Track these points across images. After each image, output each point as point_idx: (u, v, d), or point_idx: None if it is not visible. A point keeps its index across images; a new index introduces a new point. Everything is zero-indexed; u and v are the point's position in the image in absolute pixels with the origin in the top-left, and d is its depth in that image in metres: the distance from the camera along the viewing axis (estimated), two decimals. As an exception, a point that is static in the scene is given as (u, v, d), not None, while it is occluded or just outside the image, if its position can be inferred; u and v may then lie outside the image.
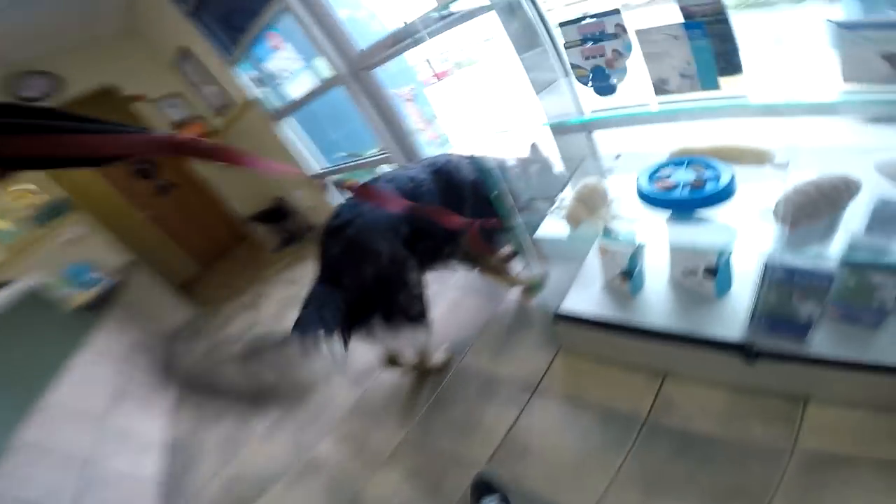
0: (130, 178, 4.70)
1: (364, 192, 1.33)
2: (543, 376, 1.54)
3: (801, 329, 1.08)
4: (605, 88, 1.16)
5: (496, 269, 1.90)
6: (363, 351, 1.77)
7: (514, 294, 1.99)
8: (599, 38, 1.07)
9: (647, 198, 1.25)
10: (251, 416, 1.99)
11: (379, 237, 1.40)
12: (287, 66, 2.90)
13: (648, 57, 1.02)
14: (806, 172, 1.01)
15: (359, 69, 2.38)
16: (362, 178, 3.56)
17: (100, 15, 3.42)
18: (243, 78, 3.17)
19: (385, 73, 2.43)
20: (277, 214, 4.42)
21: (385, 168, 3.52)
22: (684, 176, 1.22)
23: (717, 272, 1.25)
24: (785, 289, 1.04)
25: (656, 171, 1.28)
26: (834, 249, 0.96)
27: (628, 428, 1.24)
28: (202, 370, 1.15)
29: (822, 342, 1.06)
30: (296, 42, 2.68)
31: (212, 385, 1.12)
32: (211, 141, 0.95)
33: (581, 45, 1.11)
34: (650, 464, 1.15)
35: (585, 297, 1.50)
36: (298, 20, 2.27)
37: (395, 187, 1.52)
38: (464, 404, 1.61)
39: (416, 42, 1.98)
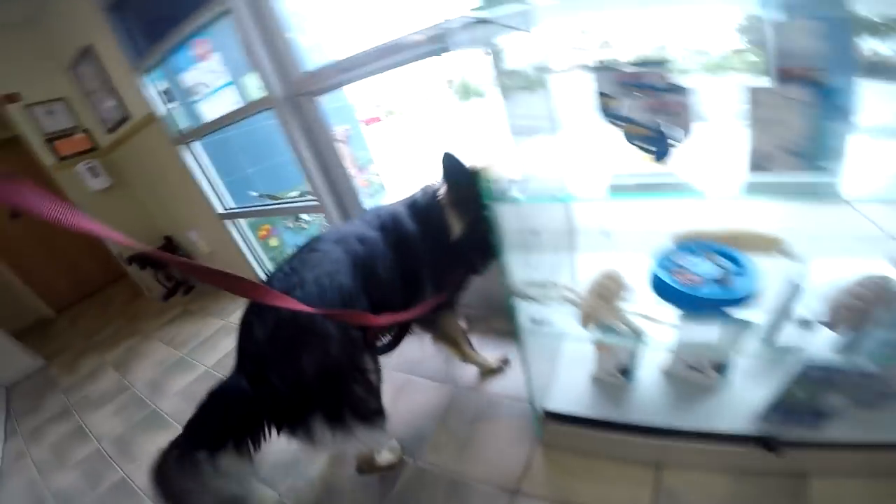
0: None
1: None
2: (523, 476, 1.32)
3: (820, 417, 1.06)
4: (663, 151, 0.95)
5: (455, 338, 1.64)
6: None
7: (468, 373, 1.73)
8: (664, 89, 0.90)
9: (667, 293, 1.13)
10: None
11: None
12: (208, 81, 2.45)
13: (757, 123, 0.82)
14: (825, 263, 1.05)
15: (298, 94, 2.03)
16: (279, 224, 3.15)
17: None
18: (150, 89, 2.64)
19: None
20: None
21: (306, 217, 3.19)
22: (706, 269, 1.14)
23: (726, 367, 1.20)
24: (819, 384, 1.01)
25: (667, 259, 1.19)
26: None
27: None
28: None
29: (835, 426, 1.05)
30: (227, 52, 2.26)
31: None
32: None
33: (640, 95, 0.92)
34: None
35: (572, 390, 1.36)
36: (239, 25, 1.89)
37: (344, 250, 1.22)
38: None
39: (377, 71, 1.79)
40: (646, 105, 0.94)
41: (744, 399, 1.16)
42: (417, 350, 1.88)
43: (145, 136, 3.01)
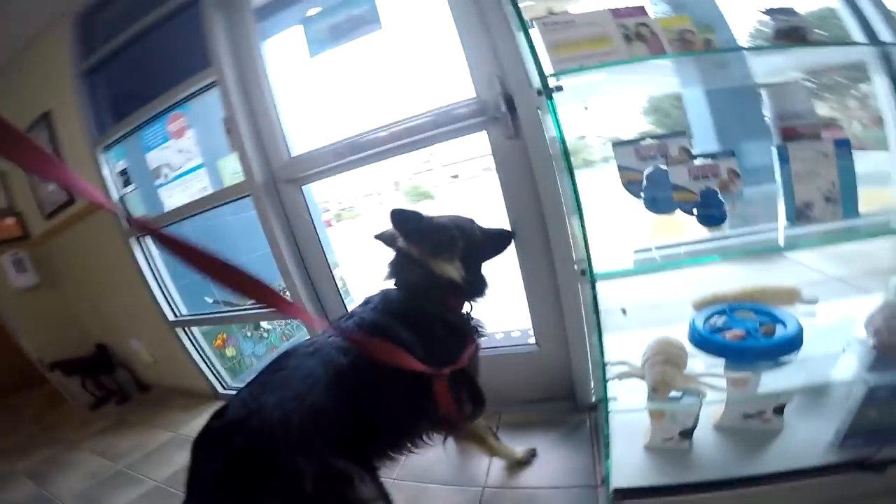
0: None
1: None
2: None
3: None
4: (714, 217, 0.96)
5: (480, 432, 1.46)
6: None
7: (493, 470, 1.55)
8: (712, 155, 0.97)
9: (717, 350, 1.14)
10: None
11: (296, 442, 0.86)
12: (174, 162, 2.30)
13: (798, 176, 0.89)
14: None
15: (282, 180, 1.93)
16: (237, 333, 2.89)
17: None
18: (105, 168, 2.44)
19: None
20: (95, 365, 3.24)
21: (265, 325, 2.94)
22: (746, 324, 1.15)
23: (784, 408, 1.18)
24: (888, 402, 1.02)
25: (703, 322, 1.21)
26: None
27: None
28: None
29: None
30: (202, 130, 2.16)
31: None
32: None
33: (688, 162, 0.97)
34: None
35: (629, 464, 1.24)
36: (225, 98, 1.83)
37: (321, 363, 1.03)
38: None
39: (375, 159, 1.75)
40: (683, 172, 0.97)
41: (810, 433, 1.14)
42: (422, 454, 1.68)
43: (90, 225, 2.73)
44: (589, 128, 1.42)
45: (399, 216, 1.22)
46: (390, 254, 1.34)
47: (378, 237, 1.36)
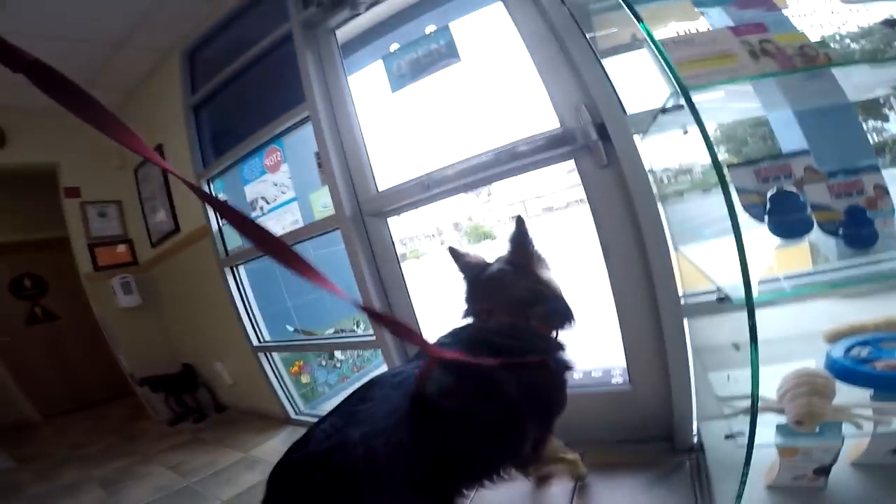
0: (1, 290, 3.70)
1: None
2: None
3: None
4: (865, 237, 0.87)
5: (559, 456, 1.42)
6: None
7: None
8: (853, 171, 0.89)
9: (865, 381, 0.99)
10: None
11: (382, 482, 0.82)
12: (269, 195, 2.49)
13: None
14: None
15: (369, 213, 2.00)
16: (312, 361, 2.98)
17: (103, 84, 2.92)
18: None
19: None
20: (181, 383, 3.46)
21: (339, 354, 3.03)
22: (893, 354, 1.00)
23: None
24: None
25: (843, 354, 1.06)
26: None
27: None
28: None
29: None
30: (296, 164, 2.33)
31: None
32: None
33: (827, 179, 0.90)
34: None
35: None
36: (317, 133, 1.97)
37: (406, 395, 0.98)
38: None
39: (459, 190, 1.78)
40: (823, 190, 0.90)
41: None
42: (495, 493, 1.57)
43: (190, 253, 3.00)
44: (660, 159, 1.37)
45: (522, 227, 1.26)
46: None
47: (452, 252, 1.36)
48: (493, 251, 1.37)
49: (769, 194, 0.94)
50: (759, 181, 0.96)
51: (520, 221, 1.27)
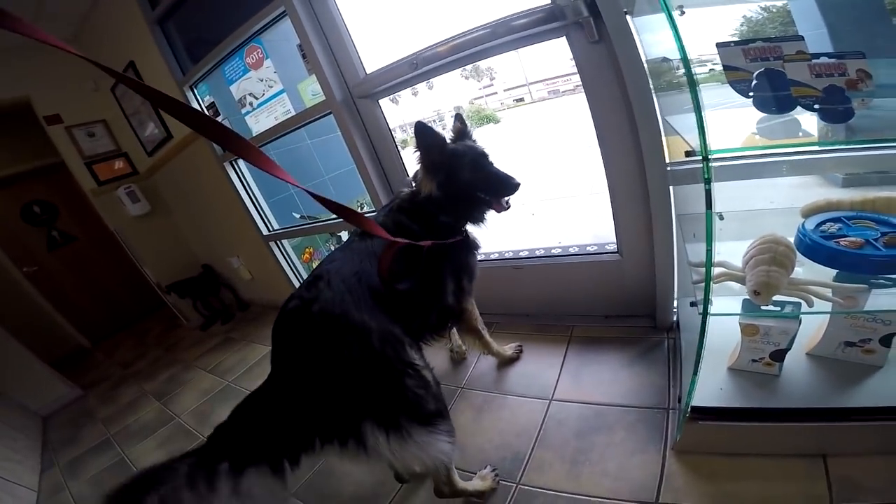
0: (15, 221, 3.90)
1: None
2: (660, 485, 1.17)
3: None
4: (838, 113, 0.90)
5: (478, 329, 1.71)
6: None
7: (563, 385, 1.62)
8: (838, 55, 0.89)
9: (829, 258, 1.03)
10: None
11: (362, 307, 1.07)
12: (257, 91, 2.47)
13: None
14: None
15: (358, 96, 2.02)
16: (322, 247, 3.16)
17: (50, 17, 2.90)
18: (194, 104, 2.68)
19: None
20: (203, 285, 3.74)
21: (345, 236, 3.18)
22: (864, 232, 1.03)
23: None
24: None
25: (814, 228, 1.10)
26: None
27: None
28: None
29: None
30: (279, 58, 2.29)
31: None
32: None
33: (809, 61, 0.90)
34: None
35: (710, 383, 1.23)
36: (297, 25, 1.91)
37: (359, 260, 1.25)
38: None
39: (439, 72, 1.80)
40: (804, 70, 0.90)
41: None
42: (491, 367, 1.85)
43: (188, 155, 3.07)
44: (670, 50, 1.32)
45: (420, 129, 1.36)
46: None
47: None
48: (496, 134, 1.43)
49: (756, 72, 0.94)
50: (748, 60, 0.95)
51: (459, 117, 1.46)
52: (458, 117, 1.47)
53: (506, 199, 1.48)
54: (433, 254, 1.36)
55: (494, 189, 1.45)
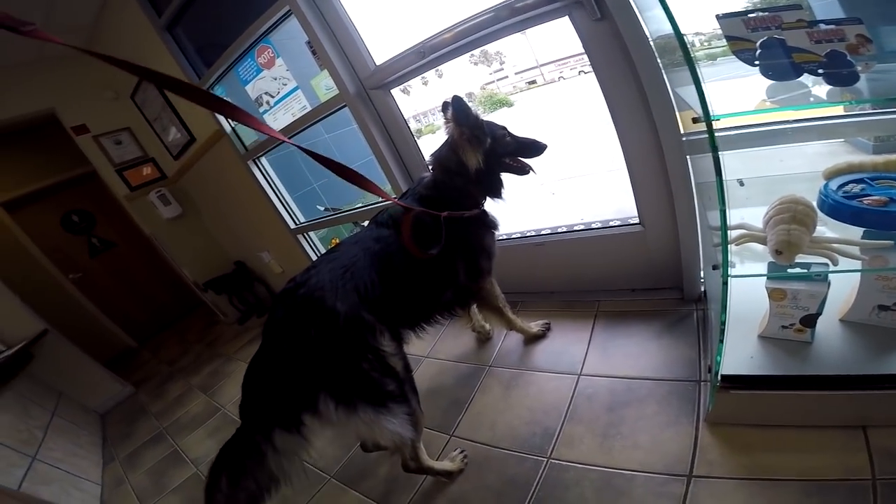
0: (56, 231, 4.15)
1: None
2: (694, 457, 1.18)
3: None
4: (845, 77, 0.92)
5: (498, 306, 1.79)
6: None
7: (591, 360, 1.65)
8: (836, 21, 0.92)
9: (853, 217, 1.04)
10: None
11: (338, 295, 1.22)
12: (272, 90, 2.54)
13: None
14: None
15: (371, 87, 2.07)
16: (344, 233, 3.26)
17: (60, 28, 3.02)
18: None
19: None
20: (237, 281, 3.92)
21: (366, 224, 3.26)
22: (886, 191, 1.04)
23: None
24: None
25: (837, 190, 1.10)
26: None
27: (857, 494, 0.97)
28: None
29: None
30: (290, 56, 2.35)
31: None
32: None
33: (807, 27, 0.93)
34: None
35: (741, 351, 1.22)
36: (304, 23, 1.97)
37: (361, 249, 1.40)
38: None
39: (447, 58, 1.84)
40: (803, 36, 0.93)
41: None
42: (518, 344, 1.90)
43: (212, 157, 3.20)
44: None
45: (459, 103, 1.47)
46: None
47: (444, 108, 1.57)
48: (511, 118, 1.48)
49: (759, 41, 0.96)
50: (749, 30, 0.97)
51: (457, 99, 1.50)
52: (457, 99, 1.50)
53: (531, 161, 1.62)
54: (451, 233, 1.47)
55: (527, 152, 1.60)
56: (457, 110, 1.48)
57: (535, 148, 1.59)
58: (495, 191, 1.63)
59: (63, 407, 2.72)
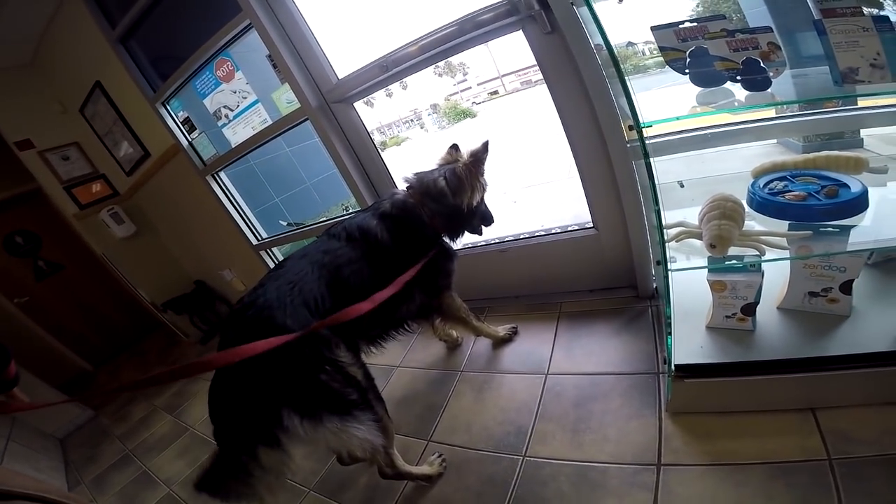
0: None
1: None
2: (660, 446, 1.26)
3: None
4: (759, 83, 1.03)
5: (461, 316, 1.85)
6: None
7: (557, 359, 1.74)
8: (750, 30, 1.03)
9: (777, 211, 1.17)
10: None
11: (287, 312, 1.24)
12: (231, 103, 2.54)
13: (839, 46, 0.94)
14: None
15: (333, 101, 2.11)
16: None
17: (3, 39, 2.93)
18: (169, 121, 2.75)
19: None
20: (198, 301, 3.85)
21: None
22: (805, 187, 1.18)
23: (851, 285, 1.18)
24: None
25: (762, 187, 1.24)
26: None
27: (817, 475, 1.05)
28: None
29: None
30: (250, 69, 2.36)
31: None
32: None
33: (727, 37, 1.04)
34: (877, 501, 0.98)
35: (692, 342, 1.32)
36: (264, 37, 1.99)
37: (308, 262, 1.42)
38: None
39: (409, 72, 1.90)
40: (723, 45, 1.04)
41: (882, 318, 1.17)
42: (487, 348, 1.97)
43: (169, 172, 3.14)
44: (636, 33, 1.45)
45: (487, 147, 1.65)
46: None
47: (454, 149, 1.73)
48: (474, 129, 1.56)
49: (688, 51, 1.06)
50: (679, 41, 1.07)
51: (488, 143, 1.65)
52: (488, 143, 1.65)
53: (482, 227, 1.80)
54: (407, 255, 1.57)
55: (487, 220, 1.79)
56: (484, 152, 1.63)
57: (491, 219, 1.80)
58: (456, 232, 1.74)
59: (18, 432, 2.63)
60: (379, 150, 2.23)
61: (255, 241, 3.07)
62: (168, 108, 2.75)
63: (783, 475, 1.07)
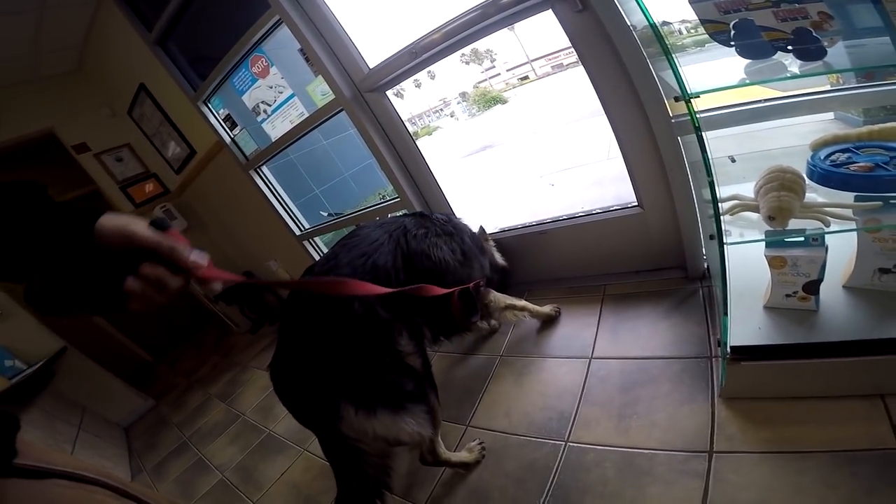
0: (65, 253, 4.24)
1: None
2: (713, 433, 1.20)
3: None
4: (813, 52, 0.96)
5: (507, 303, 1.86)
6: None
7: (601, 343, 1.70)
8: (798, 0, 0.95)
9: (842, 183, 1.09)
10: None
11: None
12: (268, 98, 2.59)
13: None
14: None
15: (366, 90, 2.12)
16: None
17: (49, 51, 3.10)
18: (211, 118, 2.85)
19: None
20: (247, 291, 3.96)
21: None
22: (871, 158, 1.08)
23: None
24: None
25: (824, 158, 1.15)
26: None
27: (885, 464, 0.97)
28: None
29: None
30: (284, 64, 2.40)
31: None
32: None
33: (772, 7, 0.96)
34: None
35: (748, 323, 1.23)
36: (295, 31, 2.01)
37: (386, 232, 1.44)
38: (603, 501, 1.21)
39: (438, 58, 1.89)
40: (769, 16, 0.97)
41: None
42: (528, 333, 1.95)
43: (214, 169, 3.26)
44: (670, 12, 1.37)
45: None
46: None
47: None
48: (506, 114, 1.53)
49: (732, 23, 1.00)
50: (721, 13, 1.01)
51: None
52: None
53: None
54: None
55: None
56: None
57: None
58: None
59: (88, 422, 2.81)
60: (413, 138, 2.23)
61: (298, 232, 3.14)
62: (209, 105, 2.84)
63: (848, 464, 0.99)
